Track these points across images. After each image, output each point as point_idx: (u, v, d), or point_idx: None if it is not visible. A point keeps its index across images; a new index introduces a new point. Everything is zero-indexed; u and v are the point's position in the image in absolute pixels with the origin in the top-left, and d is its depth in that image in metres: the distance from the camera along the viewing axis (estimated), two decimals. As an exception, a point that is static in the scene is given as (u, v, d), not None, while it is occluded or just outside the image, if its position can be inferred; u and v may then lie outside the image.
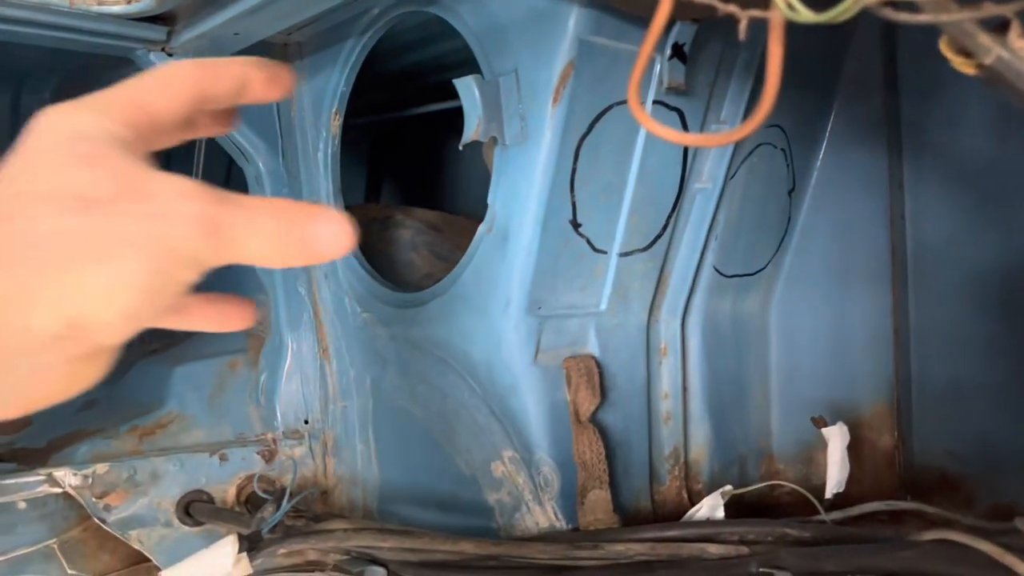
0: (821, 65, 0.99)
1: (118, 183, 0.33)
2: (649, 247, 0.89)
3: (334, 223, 0.37)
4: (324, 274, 1.05)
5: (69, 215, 0.32)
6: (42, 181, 0.33)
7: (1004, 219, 0.91)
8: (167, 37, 0.92)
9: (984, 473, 0.94)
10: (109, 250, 0.32)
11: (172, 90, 0.38)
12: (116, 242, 0.32)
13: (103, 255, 0.32)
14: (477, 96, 0.77)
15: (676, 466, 0.95)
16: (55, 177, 0.33)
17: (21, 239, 0.31)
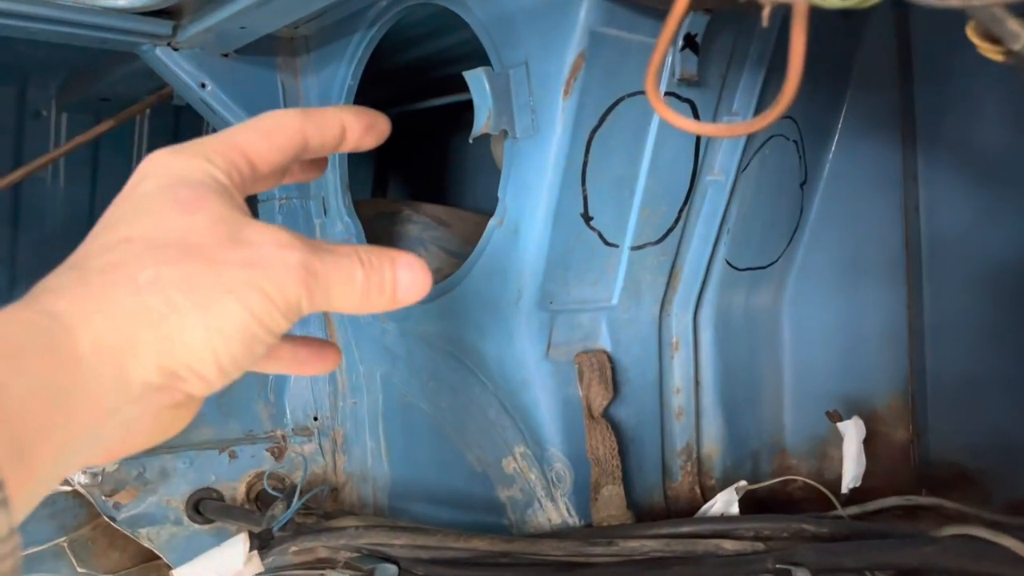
0: (834, 56, 0.98)
1: (218, 230, 0.33)
2: (661, 240, 0.88)
3: (415, 269, 0.38)
4: (332, 270, 1.05)
5: (170, 264, 0.32)
6: (144, 227, 0.33)
7: (1020, 211, 0.90)
8: (173, 31, 0.91)
9: (1000, 468, 0.93)
10: (209, 299, 0.32)
11: (277, 141, 0.39)
12: (216, 291, 0.32)
13: (204, 304, 0.32)
14: (487, 89, 0.76)
15: (689, 462, 0.95)
16: (157, 224, 0.33)
17: (124, 288, 0.31)
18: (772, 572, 0.67)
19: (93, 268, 0.32)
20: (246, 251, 0.33)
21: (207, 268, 0.32)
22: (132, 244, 0.32)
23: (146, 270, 0.31)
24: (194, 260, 0.32)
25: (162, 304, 0.31)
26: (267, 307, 0.33)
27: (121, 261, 0.32)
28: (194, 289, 0.32)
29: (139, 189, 0.35)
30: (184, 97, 1.02)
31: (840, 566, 0.65)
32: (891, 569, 0.63)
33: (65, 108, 1.38)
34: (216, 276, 0.32)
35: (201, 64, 0.97)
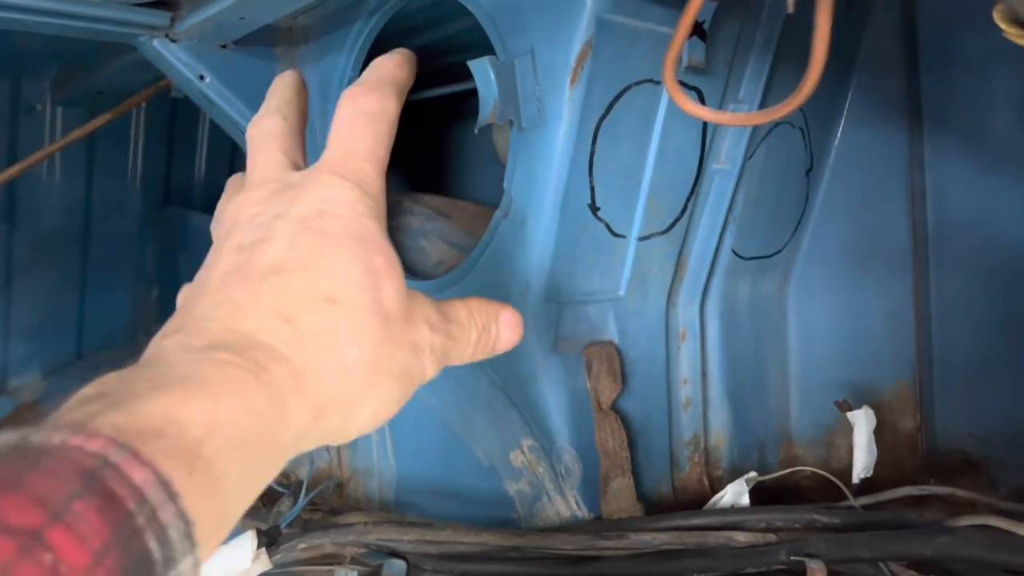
0: (839, 42, 0.97)
1: (399, 307, 0.36)
2: (668, 230, 0.87)
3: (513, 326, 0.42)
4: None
5: (370, 346, 0.34)
6: (346, 290, 0.34)
7: (1027, 196, 0.90)
8: (170, 23, 0.90)
9: (1008, 455, 0.93)
10: (383, 385, 0.35)
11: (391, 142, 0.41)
12: (389, 376, 0.35)
13: (379, 389, 0.35)
14: (492, 78, 0.75)
15: (696, 452, 0.94)
16: (357, 291, 0.34)
17: (334, 366, 0.33)
18: (786, 564, 0.67)
19: (306, 330, 0.33)
20: (412, 333, 0.36)
21: (392, 350, 0.35)
22: (339, 309, 0.34)
23: (352, 348, 0.34)
24: (386, 342, 0.35)
25: (356, 389, 0.34)
26: (410, 392, 0.37)
27: (332, 330, 0.33)
28: (377, 373, 0.34)
29: (328, 225, 0.35)
30: (182, 89, 1.00)
31: (854, 557, 0.65)
32: (906, 560, 0.63)
33: (60, 102, 1.36)
34: (391, 359, 0.35)
35: (199, 56, 0.95)
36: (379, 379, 0.34)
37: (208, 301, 0.33)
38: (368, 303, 0.34)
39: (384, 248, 0.36)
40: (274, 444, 0.30)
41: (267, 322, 0.32)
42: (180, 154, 1.50)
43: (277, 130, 0.43)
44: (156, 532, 0.24)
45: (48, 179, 1.40)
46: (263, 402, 0.30)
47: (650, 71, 0.78)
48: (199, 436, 0.27)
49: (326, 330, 0.33)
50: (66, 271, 1.46)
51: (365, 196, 0.37)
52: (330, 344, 0.33)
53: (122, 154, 1.46)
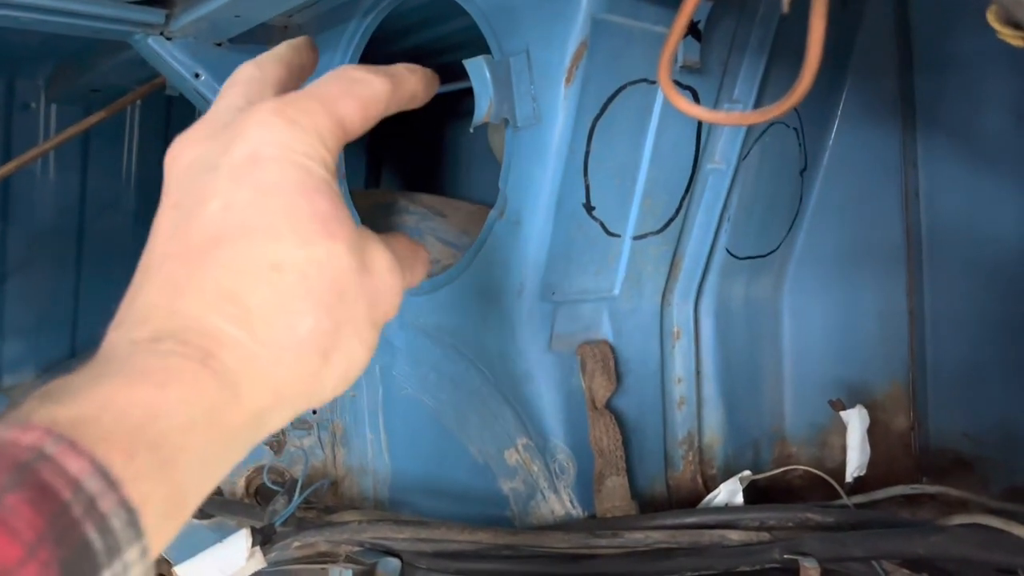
0: (833, 43, 0.97)
1: (353, 260, 0.33)
2: (663, 230, 0.87)
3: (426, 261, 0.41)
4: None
5: (324, 312, 0.32)
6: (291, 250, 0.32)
7: (1021, 197, 0.90)
8: (165, 20, 0.90)
9: (1000, 455, 0.93)
10: (346, 347, 0.33)
11: (370, 115, 0.37)
12: (351, 337, 0.33)
13: (342, 352, 0.33)
14: (488, 77, 0.75)
15: (690, 451, 0.94)
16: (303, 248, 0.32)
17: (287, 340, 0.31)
18: (779, 562, 0.67)
19: (254, 307, 0.31)
20: (370, 282, 0.34)
21: (347, 310, 0.33)
22: (285, 277, 0.31)
23: (306, 318, 0.32)
24: (340, 303, 0.33)
25: (316, 359, 0.32)
26: (376, 339, 0.35)
27: (280, 302, 0.31)
28: (337, 336, 0.33)
29: (262, 175, 0.32)
30: (177, 87, 1.00)
31: (848, 555, 0.65)
32: (899, 558, 0.63)
33: (54, 100, 1.36)
34: (351, 318, 0.33)
35: (194, 53, 0.95)
36: (340, 342, 0.33)
37: (150, 285, 0.32)
38: (318, 263, 0.32)
39: (327, 192, 0.33)
40: (230, 428, 0.29)
41: (211, 303, 0.30)
42: (172, 140, 1.50)
43: (244, 77, 0.40)
44: (96, 521, 0.23)
45: (42, 177, 1.39)
46: (212, 389, 0.29)
47: (645, 71, 0.78)
48: (140, 421, 0.26)
49: (274, 303, 0.31)
50: (60, 269, 1.46)
51: (304, 135, 0.33)
52: (281, 318, 0.31)
53: (117, 152, 1.46)
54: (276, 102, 0.34)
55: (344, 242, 0.33)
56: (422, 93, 0.42)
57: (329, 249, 0.32)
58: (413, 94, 0.41)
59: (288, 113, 0.34)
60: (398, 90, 0.39)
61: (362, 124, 0.37)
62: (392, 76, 0.39)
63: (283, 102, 0.34)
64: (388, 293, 0.35)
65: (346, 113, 0.36)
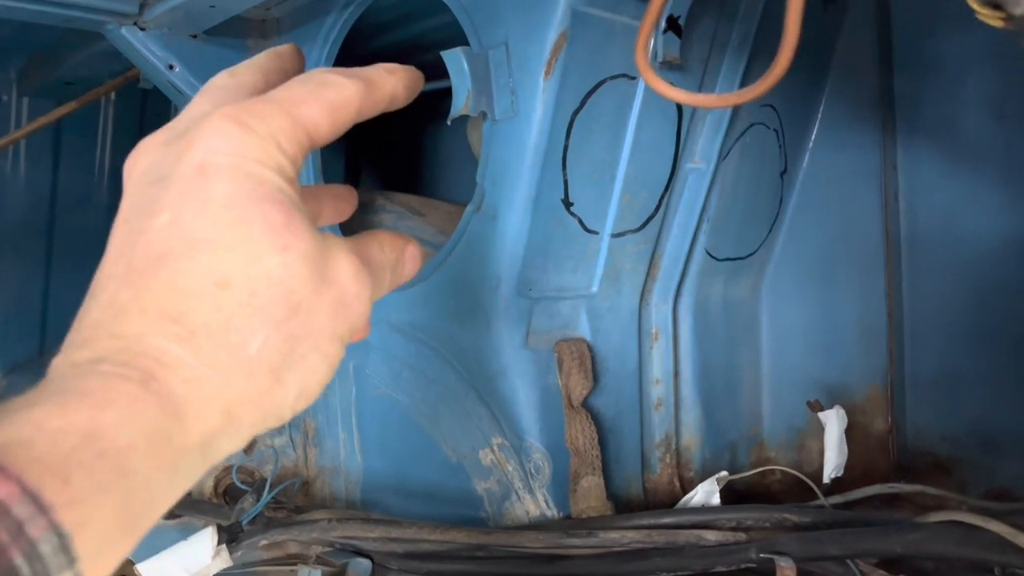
0: (814, 44, 0.98)
1: (310, 271, 0.31)
2: (642, 228, 0.86)
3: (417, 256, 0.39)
4: (305, 258, 1.02)
5: (275, 327, 0.30)
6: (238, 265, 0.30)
7: (1000, 200, 0.90)
8: (139, 10, 0.88)
9: (977, 457, 0.93)
10: (304, 361, 0.31)
11: (339, 120, 0.35)
12: (308, 350, 0.31)
13: (299, 367, 0.31)
14: (466, 69, 0.74)
15: (667, 453, 0.93)
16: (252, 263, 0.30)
17: (236, 360, 0.30)
18: (755, 562, 0.66)
19: (199, 326, 0.29)
20: (331, 293, 0.32)
21: (303, 324, 0.31)
22: (232, 294, 0.30)
23: (255, 336, 0.30)
24: (294, 317, 0.31)
25: (268, 378, 0.30)
26: (341, 352, 0.33)
27: (227, 320, 0.30)
28: (293, 351, 0.31)
29: (212, 186, 0.31)
30: (151, 79, 0.99)
31: (824, 554, 0.64)
32: (877, 556, 0.62)
33: (26, 93, 1.33)
34: (308, 331, 0.31)
35: (169, 45, 0.93)
36: (295, 359, 0.31)
37: (94, 306, 0.31)
38: (268, 277, 0.30)
39: (283, 200, 0.31)
40: (175, 451, 0.28)
41: (154, 323, 0.29)
42: (147, 133, 1.48)
43: (216, 84, 0.38)
44: (23, 547, 0.22)
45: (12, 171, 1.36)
46: (154, 412, 0.27)
47: (626, 66, 0.77)
48: (77, 444, 0.25)
49: (220, 322, 0.29)
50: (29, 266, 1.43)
51: (257, 140, 0.31)
52: (228, 338, 0.29)
53: (90, 146, 1.43)
54: (232, 107, 0.32)
55: (298, 252, 0.31)
56: (403, 94, 0.40)
57: (281, 261, 0.31)
58: (392, 96, 0.39)
59: (242, 118, 0.32)
60: (372, 93, 0.37)
61: (331, 129, 0.35)
62: (366, 79, 0.37)
63: (238, 107, 0.32)
64: (354, 303, 0.33)
65: (310, 117, 0.34)
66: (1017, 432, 0.90)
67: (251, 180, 0.31)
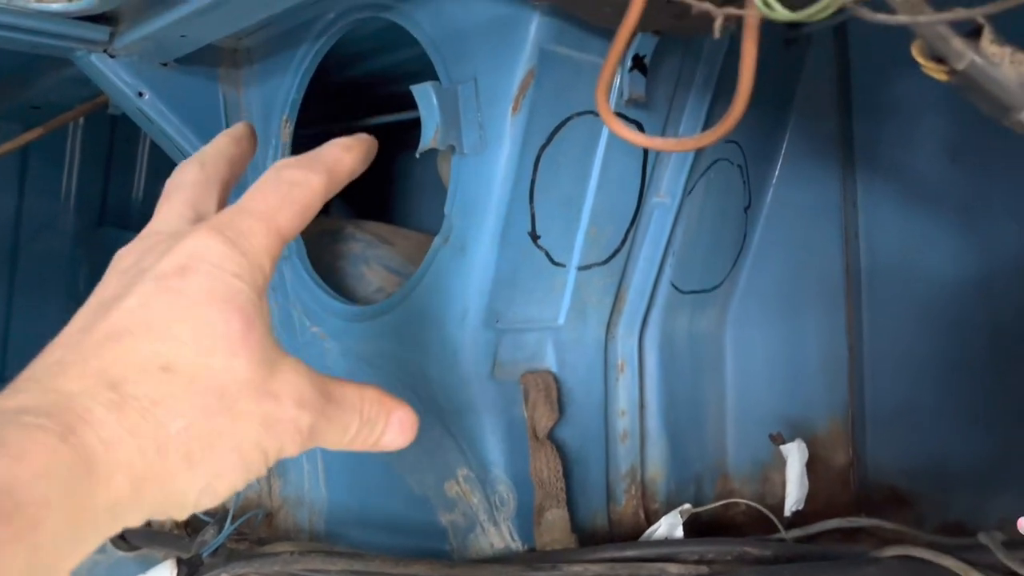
0: (776, 83, 1.00)
1: (252, 379, 0.33)
2: (608, 261, 0.87)
3: (405, 427, 0.39)
4: (272, 287, 1.02)
5: (202, 417, 0.31)
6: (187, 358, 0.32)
7: (954, 239, 0.93)
8: (109, 38, 0.88)
9: (934, 491, 0.95)
10: (218, 457, 0.32)
11: (307, 215, 0.38)
12: (227, 448, 0.32)
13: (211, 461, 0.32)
14: (435, 103, 0.75)
15: (633, 485, 0.94)
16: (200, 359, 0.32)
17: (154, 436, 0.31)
18: (717, 595, 0.67)
19: (131, 396, 0.30)
20: (268, 406, 0.33)
21: (230, 422, 0.32)
22: (173, 378, 0.31)
23: (180, 419, 0.31)
24: (223, 413, 0.32)
25: (181, 461, 0.31)
26: (261, 466, 0.34)
27: (159, 399, 0.31)
28: (212, 445, 0.32)
29: (188, 284, 0.33)
30: (120, 106, 0.98)
31: (784, 588, 0.65)
32: (834, 591, 0.63)
33: (-8, 118, 1.33)
34: (233, 431, 0.32)
35: (139, 72, 0.93)
36: (213, 453, 0.32)
37: (42, 362, 0.32)
38: (211, 371, 0.32)
39: (247, 311, 0.34)
40: (88, 508, 0.28)
41: (90, 386, 0.30)
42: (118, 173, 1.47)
43: (189, 180, 0.41)
44: None
45: (-24, 196, 1.35)
46: (69, 467, 0.28)
47: (592, 102, 0.78)
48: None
49: (153, 399, 0.31)
50: (-8, 290, 1.41)
51: (237, 254, 0.34)
52: (155, 413, 0.30)
53: (56, 171, 1.42)
54: (217, 223, 0.35)
55: (247, 358, 0.33)
56: (361, 167, 0.43)
57: (227, 361, 0.32)
58: (351, 173, 0.42)
59: (228, 235, 0.35)
60: (335, 179, 0.40)
61: (301, 225, 0.38)
62: (329, 169, 0.40)
63: (224, 224, 0.35)
64: (289, 427, 0.34)
65: (286, 224, 0.37)
66: (972, 466, 0.91)
67: (225, 287, 0.33)
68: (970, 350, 0.92)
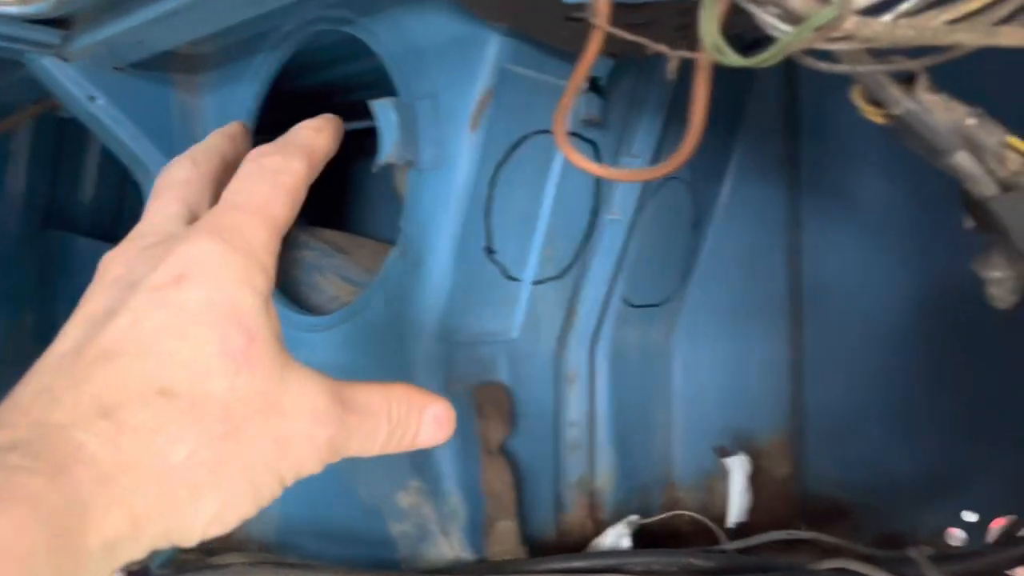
0: (726, 105, 1.03)
1: (259, 397, 0.31)
2: (561, 276, 0.89)
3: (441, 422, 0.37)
4: (225, 295, 1.01)
5: (206, 444, 0.29)
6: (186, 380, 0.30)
7: (892, 258, 0.96)
8: (63, 41, 0.87)
9: (872, 502, 0.98)
10: (227, 484, 0.30)
11: (297, 200, 0.37)
12: (235, 474, 0.30)
13: (220, 489, 0.30)
14: (394, 119, 0.76)
15: (582, 495, 0.96)
16: (201, 380, 0.30)
17: (154, 466, 0.29)
18: (661, 606, 0.69)
19: (128, 426, 0.29)
20: (279, 424, 0.31)
21: (238, 446, 0.30)
22: (172, 403, 0.29)
23: (182, 445, 0.29)
24: (229, 437, 0.30)
25: (185, 491, 0.29)
26: (277, 489, 0.32)
27: (158, 426, 0.29)
28: (218, 472, 0.30)
29: (185, 296, 0.31)
30: (71, 110, 0.97)
31: (726, 599, 0.67)
32: (774, 602, 0.65)
33: (-62, 121, 1.29)
34: (241, 455, 0.31)
35: (91, 76, 0.92)
36: (220, 480, 0.30)
37: (28, 389, 0.30)
38: (213, 393, 0.30)
39: (251, 324, 0.32)
40: (82, 552, 0.27)
41: (83, 415, 0.28)
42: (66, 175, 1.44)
43: (181, 177, 0.39)
44: None
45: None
46: (59, 513, 0.26)
47: (549, 122, 0.80)
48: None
49: (152, 426, 0.29)
50: (-67, 292, 1.37)
51: (238, 256, 0.32)
52: (154, 442, 0.29)
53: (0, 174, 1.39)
54: (213, 224, 0.33)
55: (251, 375, 0.31)
56: (334, 146, 0.42)
57: (230, 381, 0.31)
58: (327, 154, 0.41)
59: (225, 235, 0.33)
60: (314, 163, 0.39)
61: (293, 215, 0.37)
62: (308, 152, 0.39)
63: (219, 224, 0.33)
64: (305, 445, 0.32)
65: (280, 215, 0.35)
66: (909, 478, 0.95)
67: (225, 299, 0.31)
68: (907, 365, 0.96)
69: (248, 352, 0.31)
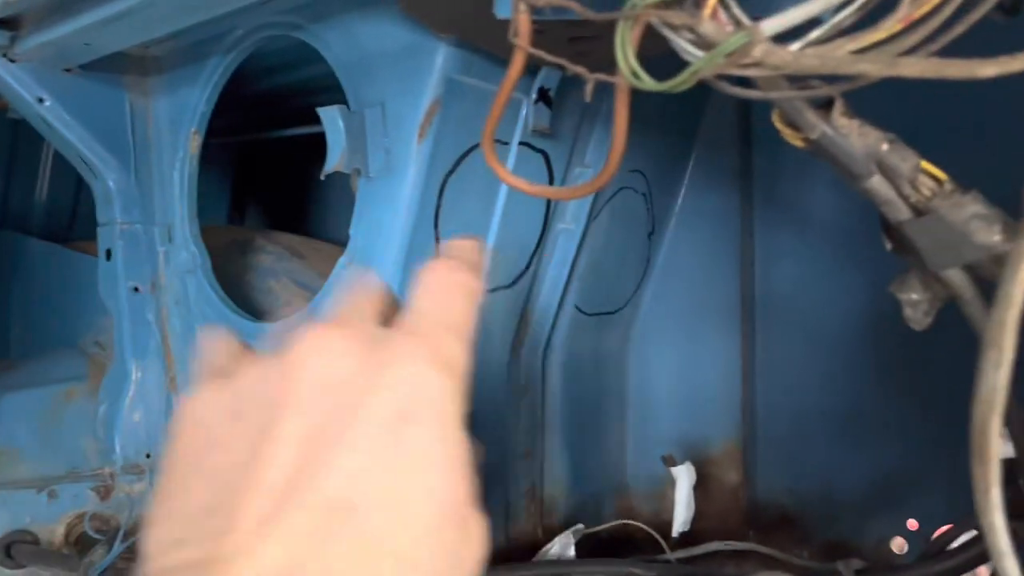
0: (681, 117, 1.04)
1: (467, 543, 0.30)
2: (512, 284, 0.89)
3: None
4: (175, 300, 1.00)
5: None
6: (417, 546, 0.28)
7: (841, 271, 0.97)
8: (10, 42, 0.86)
9: (819, 509, 0.99)
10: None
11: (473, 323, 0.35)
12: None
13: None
14: (341, 127, 0.76)
15: (532, 503, 0.96)
16: (428, 549, 0.29)
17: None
18: (601, 616, 0.69)
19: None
20: (471, 528, 0.31)
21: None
22: (399, 565, 0.28)
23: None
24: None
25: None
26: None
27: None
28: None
29: (408, 436, 0.29)
30: (20, 112, 0.96)
31: (664, 610, 0.67)
32: (709, 612, 0.66)
33: None
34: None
35: (40, 78, 0.91)
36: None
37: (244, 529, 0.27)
38: (441, 553, 0.29)
39: (467, 464, 0.31)
40: None
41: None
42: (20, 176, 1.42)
43: (377, 289, 0.38)
44: None
45: None
46: None
47: (497, 131, 0.80)
48: None
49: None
50: None
51: (455, 387, 0.31)
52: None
53: (-48, 175, 1.37)
54: (428, 343, 0.31)
55: (475, 536, 0.30)
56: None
57: (455, 545, 0.29)
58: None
59: (441, 359, 0.31)
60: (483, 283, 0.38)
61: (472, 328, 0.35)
62: (475, 267, 0.38)
63: (436, 342, 0.32)
64: (468, 565, 0.31)
65: (472, 336, 0.34)
66: (855, 487, 0.96)
67: (447, 440, 0.30)
68: (855, 375, 0.97)
69: (469, 499, 0.31)
